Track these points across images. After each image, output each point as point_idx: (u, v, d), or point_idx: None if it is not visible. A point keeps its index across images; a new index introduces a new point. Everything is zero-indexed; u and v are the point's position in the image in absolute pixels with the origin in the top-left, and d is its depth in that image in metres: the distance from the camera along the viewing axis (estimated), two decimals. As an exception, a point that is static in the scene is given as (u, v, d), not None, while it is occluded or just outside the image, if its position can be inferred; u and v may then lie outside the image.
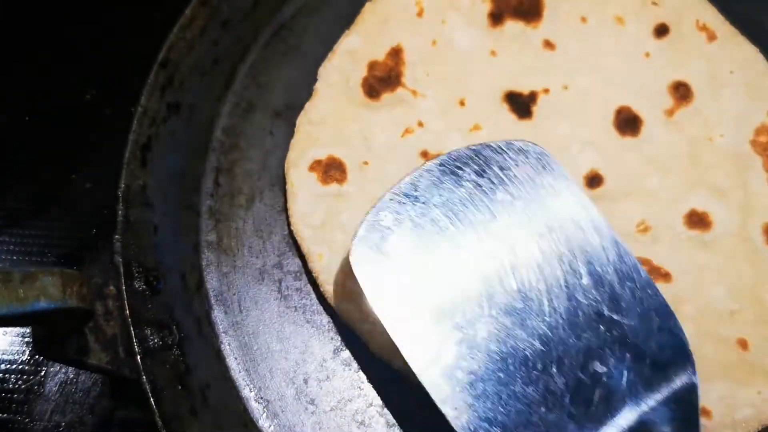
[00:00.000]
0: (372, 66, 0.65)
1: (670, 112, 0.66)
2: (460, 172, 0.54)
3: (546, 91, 0.66)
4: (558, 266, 0.53)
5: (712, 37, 0.69)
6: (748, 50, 0.69)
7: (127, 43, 0.76)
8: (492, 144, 0.55)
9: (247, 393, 0.58)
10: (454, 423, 0.49)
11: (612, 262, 0.53)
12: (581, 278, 0.52)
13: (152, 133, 0.60)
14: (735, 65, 0.68)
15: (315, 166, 0.62)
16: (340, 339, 0.60)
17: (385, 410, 0.59)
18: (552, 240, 0.53)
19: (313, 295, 0.61)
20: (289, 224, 0.62)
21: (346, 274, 0.58)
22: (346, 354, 0.60)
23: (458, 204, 0.53)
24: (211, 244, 0.62)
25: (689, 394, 0.51)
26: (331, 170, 0.62)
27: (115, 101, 0.74)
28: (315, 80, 0.66)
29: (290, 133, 0.65)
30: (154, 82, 0.61)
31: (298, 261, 0.62)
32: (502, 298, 0.51)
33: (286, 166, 0.63)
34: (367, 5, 0.68)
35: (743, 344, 0.58)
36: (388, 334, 0.51)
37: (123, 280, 0.54)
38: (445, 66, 0.67)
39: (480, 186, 0.54)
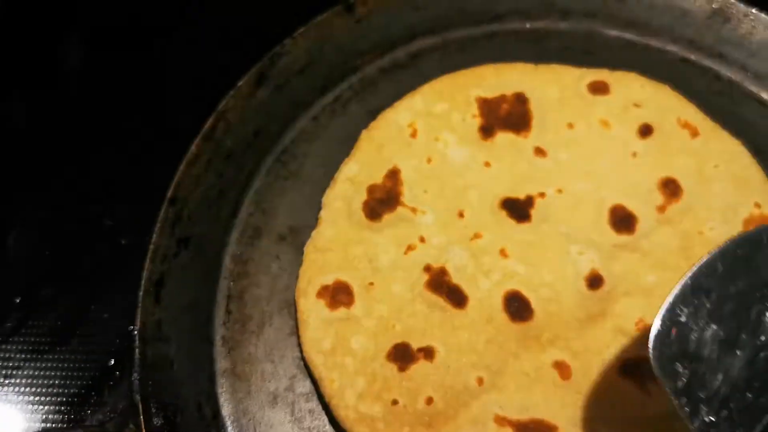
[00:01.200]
0: (371, 189, 0.69)
1: (662, 209, 0.68)
2: (752, 258, 0.49)
3: (542, 195, 0.69)
4: None
5: (695, 133, 0.72)
6: (731, 144, 0.72)
7: (143, 172, 0.80)
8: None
9: None
10: None
11: None
12: None
13: (164, 269, 0.64)
14: (720, 159, 0.71)
15: (323, 292, 0.65)
16: (354, 459, 0.62)
17: None
18: None
19: (324, 416, 0.63)
20: (300, 349, 0.65)
21: (359, 396, 0.61)
22: (360, 473, 0.61)
23: (753, 294, 0.48)
24: (226, 372, 0.64)
25: None
26: (338, 295, 0.65)
27: (130, 230, 0.77)
28: (317, 203, 0.71)
29: (295, 257, 0.68)
30: (164, 219, 0.65)
31: (308, 383, 0.64)
32: None
33: (296, 294, 0.66)
34: (363, 133, 0.72)
35: None
36: None
37: (142, 418, 0.57)
38: (442, 181, 0.70)
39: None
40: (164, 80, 0.87)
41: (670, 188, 0.69)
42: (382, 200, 0.69)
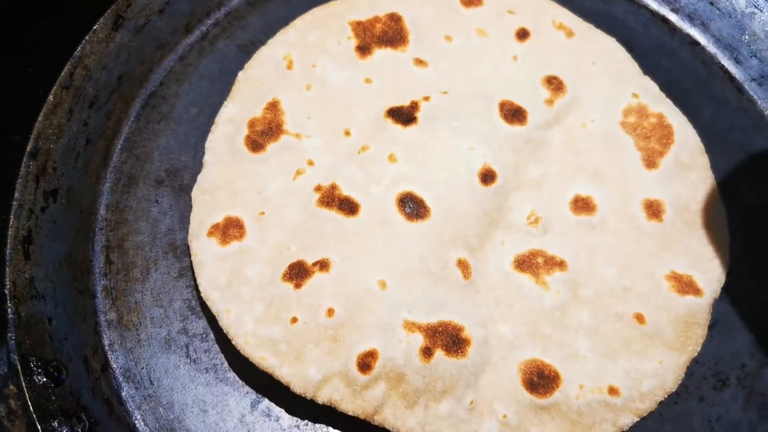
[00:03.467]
0: (252, 123, 0.68)
1: (550, 102, 0.70)
2: None
3: (426, 98, 0.69)
4: None
5: (569, 33, 0.74)
6: (605, 41, 0.74)
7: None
8: None
9: (170, 464, 0.59)
10: None
11: None
12: None
13: (32, 225, 0.62)
14: (596, 56, 0.73)
15: (213, 230, 0.63)
16: (255, 392, 0.61)
17: (312, 451, 0.60)
18: None
19: (222, 354, 0.62)
20: (191, 291, 0.64)
21: (257, 321, 0.60)
22: (264, 404, 0.61)
23: None
24: (112, 323, 0.63)
25: None
26: (229, 230, 0.63)
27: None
28: (193, 143, 0.69)
29: (176, 199, 0.67)
30: (27, 173, 0.63)
31: (202, 323, 0.63)
32: None
33: (189, 239, 0.64)
34: (240, 74, 0.71)
35: (640, 318, 0.61)
36: (311, 368, 0.57)
37: (22, 377, 0.55)
38: (324, 105, 0.69)
39: None
40: (18, 27, 0.82)
41: (554, 84, 0.71)
42: (264, 132, 0.68)
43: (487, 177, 0.65)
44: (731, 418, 0.62)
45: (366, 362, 0.58)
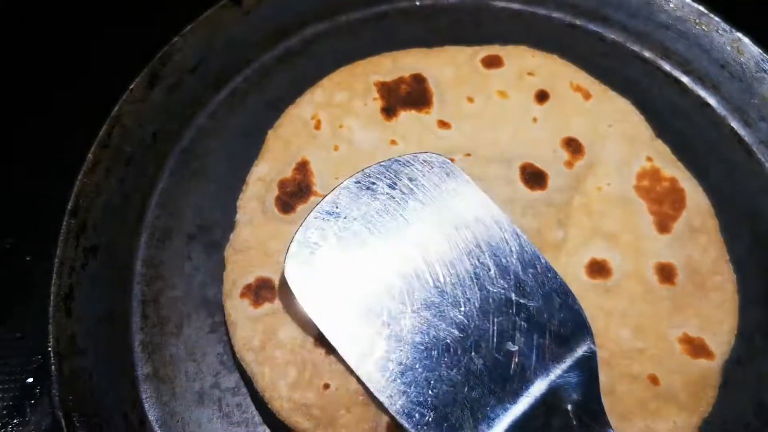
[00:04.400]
0: (282, 184, 0.71)
1: (569, 164, 0.73)
2: (374, 186, 0.64)
3: (451, 161, 0.71)
4: (468, 261, 0.63)
5: (587, 95, 0.77)
6: (621, 104, 0.78)
7: (42, 185, 0.79)
8: (400, 158, 0.65)
9: None
10: (391, 409, 0.59)
11: (515, 252, 0.63)
12: (489, 270, 0.62)
13: (73, 282, 0.65)
14: (612, 119, 0.76)
15: (245, 291, 0.67)
16: (285, 446, 0.64)
17: (339, 507, 0.63)
18: (460, 238, 0.63)
19: (253, 408, 0.65)
20: (223, 345, 0.67)
21: (291, 386, 0.63)
22: (294, 459, 0.64)
23: (375, 215, 0.63)
24: (148, 377, 0.65)
25: (589, 359, 0.61)
26: (261, 291, 0.66)
27: (34, 248, 0.77)
28: (223, 199, 0.72)
29: (207, 255, 0.70)
30: (68, 231, 0.66)
31: (234, 377, 0.66)
32: (420, 294, 0.62)
33: (222, 299, 0.67)
34: (270, 133, 0.74)
35: (654, 380, 0.64)
36: None
37: (66, 433, 0.58)
38: (352, 165, 0.72)
39: (393, 197, 0.64)
40: (54, 89, 0.86)
41: (573, 146, 0.74)
42: (294, 192, 0.71)
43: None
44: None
45: (394, 428, 0.61)
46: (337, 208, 0.63)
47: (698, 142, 0.78)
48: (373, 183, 0.64)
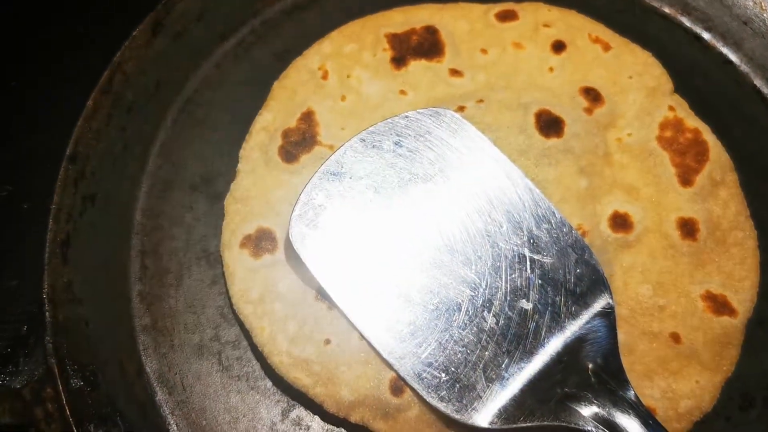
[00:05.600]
0: (286, 133, 0.68)
1: (589, 110, 0.70)
2: (379, 143, 0.62)
3: (461, 108, 0.69)
4: (478, 218, 0.60)
5: (606, 47, 0.74)
6: (642, 55, 0.74)
7: (39, 131, 0.78)
8: (407, 114, 0.63)
9: (202, 470, 0.60)
10: (400, 371, 0.57)
11: (528, 207, 0.61)
12: (501, 226, 0.60)
13: (70, 229, 0.63)
14: (633, 71, 0.73)
15: (245, 242, 0.64)
16: (287, 400, 0.62)
17: (343, 461, 0.60)
18: (470, 194, 0.61)
19: (254, 362, 0.63)
20: (224, 298, 0.64)
21: (291, 341, 0.61)
22: (295, 413, 0.61)
23: (381, 173, 0.61)
24: (146, 328, 0.63)
25: (607, 315, 0.58)
26: (261, 242, 0.64)
27: (32, 195, 0.74)
28: (227, 150, 0.70)
29: (210, 206, 0.68)
30: (65, 177, 0.64)
31: (235, 330, 0.63)
32: (430, 253, 0.59)
33: (220, 249, 0.65)
34: (275, 84, 0.72)
35: (676, 338, 0.61)
36: (343, 389, 0.58)
37: (59, 381, 0.55)
38: (359, 116, 0.70)
39: (399, 154, 0.62)
40: (56, 34, 0.83)
41: (592, 95, 0.71)
42: (298, 142, 0.68)
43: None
44: (759, 437, 0.62)
45: (398, 385, 0.59)
46: (342, 167, 0.61)
47: (719, 100, 0.75)
48: (379, 140, 0.62)
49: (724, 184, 0.68)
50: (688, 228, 0.65)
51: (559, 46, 0.73)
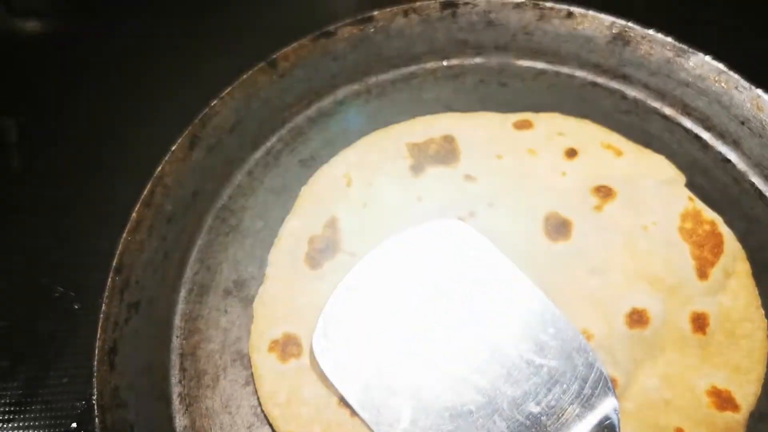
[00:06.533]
0: (312, 240, 0.74)
1: (598, 207, 0.73)
2: (395, 257, 0.67)
3: (472, 214, 0.74)
4: (489, 326, 0.65)
5: (618, 153, 0.78)
6: (656, 158, 0.78)
7: (89, 238, 0.84)
8: (423, 226, 0.68)
9: None
10: None
11: (535, 314, 0.65)
12: (510, 333, 0.64)
13: (117, 336, 0.67)
14: (647, 172, 0.77)
15: (273, 346, 0.69)
16: (318, 498, 0.65)
17: None
18: (481, 304, 0.65)
19: (286, 461, 0.66)
20: (256, 398, 0.68)
21: None
22: None
23: (397, 286, 0.66)
24: (186, 428, 0.67)
25: (611, 418, 0.61)
26: (287, 347, 0.69)
27: (82, 295, 0.80)
28: (258, 255, 0.75)
29: (243, 309, 0.73)
30: (112, 288, 0.69)
31: (267, 429, 0.67)
32: (444, 362, 0.63)
33: (249, 351, 0.69)
34: (303, 189, 0.77)
35: (681, 432, 0.65)
36: None
37: (110, 485, 0.60)
38: (379, 223, 0.74)
39: (413, 267, 0.67)
40: (101, 149, 0.90)
41: (603, 192, 0.74)
42: (322, 249, 0.73)
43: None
44: None
45: None
46: (360, 282, 0.66)
47: (719, 197, 0.78)
48: (395, 254, 0.67)
49: (735, 275, 0.70)
50: (699, 322, 0.68)
51: (572, 153, 0.78)
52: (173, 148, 0.76)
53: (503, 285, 0.66)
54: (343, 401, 0.65)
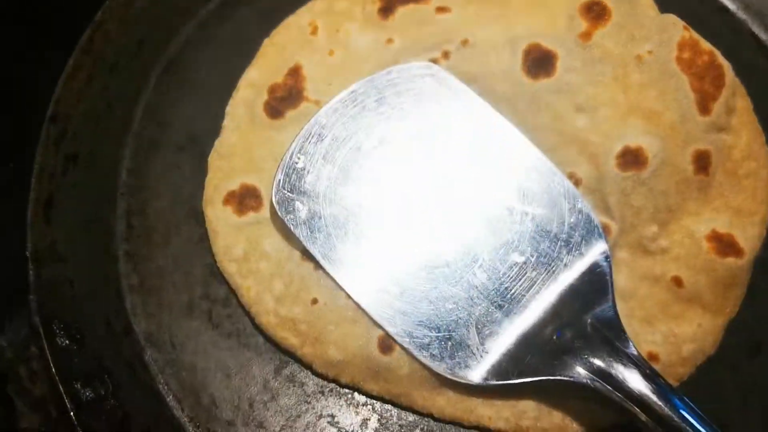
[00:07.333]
0: (272, 89, 0.66)
1: (586, 35, 0.63)
2: (361, 102, 0.61)
3: (446, 54, 0.65)
4: (465, 173, 0.59)
5: None
6: None
7: (24, 90, 0.75)
8: (391, 69, 0.62)
9: (193, 429, 0.58)
10: (391, 331, 0.56)
11: (516, 158, 0.59)
12: (489, 180, 0.59)
13: (53, 189, 0.62)
14: None
15: (229, 198, 0.63)
16: (279, 356, 0.61)
17: (336, 419, 0.59)
18: (455, 149, 0.59)
19: (245, 319, 0.61)
20: (212, 256, 0.63)
21: (278, 300, 0.60)
22: (288, 370, 0.60)
23: (364, 133, 0.60)
24: (134, 287, 0.62)
25: (602, 265, 0.57)
26: (245, 199, 0.63)
27: (18, 152, 0.71)
28: (214, 110, 0.68)
29: (198, 165, 0.66)
30: (47, 138, 0.63)
31: (224, 288, 0.62)
32: (416, 211, 0.58)
33: (203, 205, 0.64)
34: (266, 41, 0.70)
35: (678, 281, 0.59)
36: (331, 349, 0.58)
37: (44, 340, 0.54)
38: (347, 70, 0.67)
39: (381, 113, 0.60)
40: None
41: (595, 11, 0.63)
42: (284, 98, 0.66)
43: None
44: (764, 384, 0.60)
45: (387, 344, 0.58)
46: (323, 128, 0.60)
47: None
48: (361, 99, 0.61)
49: (736, 112, 0.63)
50: (702, 162, 0.60)
51: None
52: (115, -8, 0.68)
53: (480, 129, 0.60)
54: (307, 254, 0.59)
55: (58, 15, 0.73)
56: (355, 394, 0.59)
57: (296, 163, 0.59)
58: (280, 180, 0.59)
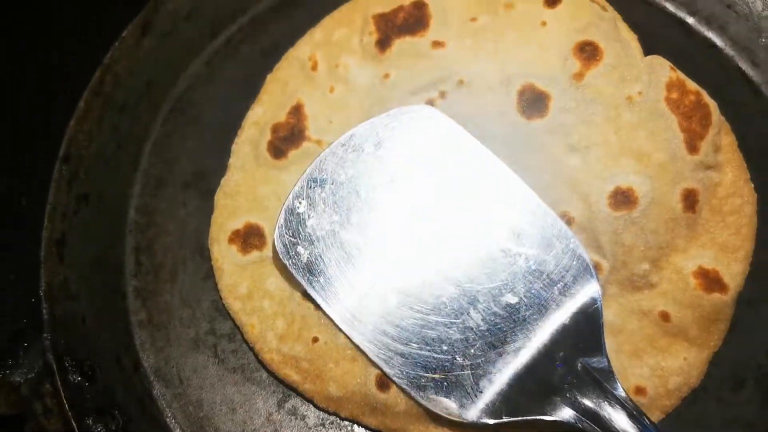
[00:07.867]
0: (275, 128, 0.68)
1: (579, 76, 0.64)
2: (360, 146, 0.62)
3: (442, 94, 0.66)
4: (460, 215, 0.60)
5: (604, 7, 0.69)
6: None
7: (38, 130, 0.78)
8: (389, 113, 0.62)
9: (199, 461, 0.60)
10: (389, 372, 0.58)
11: (510, 199, 0.60)
12: (484, 221, 0.60)
13: (65, 227, 0.64)
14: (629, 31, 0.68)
15: (234, 237, 0.65)
16: (282, 390, 0.63)
17: (338, 448, 0.61)
18: (450, 190, 0.61)
19: (249, 354, 0.64)
20: (217, 292, 0.65)
21: (280, 338, 0.62)
22: (291, 404, 0.62)
23: (362, 177, 0.61)
24: (143, 323, 0.64)
25: (593, 306, 0.58)
26: (249, 238, 0.65)
27: (31, 190, 0.74)
28: (219, 147, 0.70)
29: (203, 201, 0.69)
30: (59, 178, 0.65)
31: (229, 323, 0.65)
32: (413, 254, 0.59)
33: (209, 243, 0.66)
34: (268, 76, 0.72)
35: (665, 316, 0.61)
36: (332, 386, 0.60)
37: (57, 376, 0.56)
38: (347, 107, 0.69)
39: (379, 156, 0.61)
40: (47, 36, 0.84)
41: (588, 51, 0.65)
42: (287, 138, 0.68)
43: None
44: (748, 418, 0.62)
45: (384, 381, 0.60)
46: (323, 173, 0.61)
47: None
48: (360, 143, 0.62)
49: (722, 149, 0.65)
50: (690, 199, 0.62)
51: (553, 1, 0.68)
52: (124, 34, 0.71)
53: (476, 170, 0.61)
54: (307, 295, 0.62)
55: (68, 58, 0.75)
56: (355, 426, 0.61)
57: (297, 207, 0.61)
58: (281, 225, 0.60)
